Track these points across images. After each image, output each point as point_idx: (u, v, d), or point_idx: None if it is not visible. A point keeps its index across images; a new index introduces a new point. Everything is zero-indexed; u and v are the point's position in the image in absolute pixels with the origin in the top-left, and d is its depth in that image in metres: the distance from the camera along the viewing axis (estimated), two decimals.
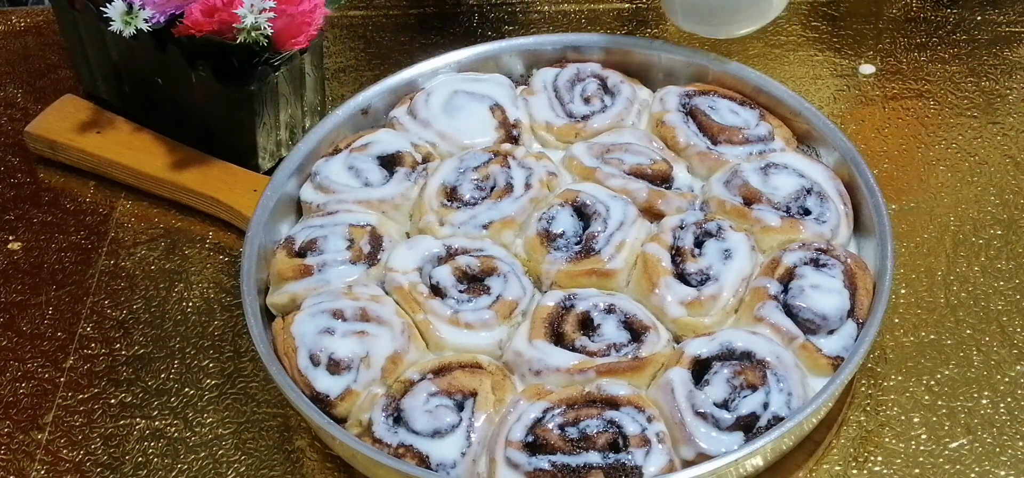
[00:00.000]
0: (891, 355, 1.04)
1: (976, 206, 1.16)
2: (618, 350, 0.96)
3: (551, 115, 1.15)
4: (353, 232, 1.05)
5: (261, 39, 1.10)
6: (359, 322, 0.97)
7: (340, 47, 1.37)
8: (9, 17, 1.43)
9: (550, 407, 0.92)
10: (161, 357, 1.08)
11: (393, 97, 1.18)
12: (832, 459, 0.98)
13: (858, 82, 1.30)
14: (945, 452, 0.98)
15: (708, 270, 1.00)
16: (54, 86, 1.34)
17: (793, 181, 1.06)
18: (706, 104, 1.14)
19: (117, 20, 1.10)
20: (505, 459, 0.90)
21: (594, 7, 1.39)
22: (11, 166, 1.27)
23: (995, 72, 1.30)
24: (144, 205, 1.21)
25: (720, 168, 1.09)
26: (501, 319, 0.99)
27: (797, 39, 1.35)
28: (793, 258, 1.00)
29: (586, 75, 1.18)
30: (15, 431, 1.03)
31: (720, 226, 1.03)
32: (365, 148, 1.12)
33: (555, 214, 1.05)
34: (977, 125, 1.24)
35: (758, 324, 0.97)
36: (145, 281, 1.15)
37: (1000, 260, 1.11)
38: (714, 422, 0.91)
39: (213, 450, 1.01)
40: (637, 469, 0.88)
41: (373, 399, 0.95)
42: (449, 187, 1.08)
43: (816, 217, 1.04)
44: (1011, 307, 1.07)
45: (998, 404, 1.01)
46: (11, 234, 1.20)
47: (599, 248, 1.02)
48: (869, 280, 1.00)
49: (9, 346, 1.10)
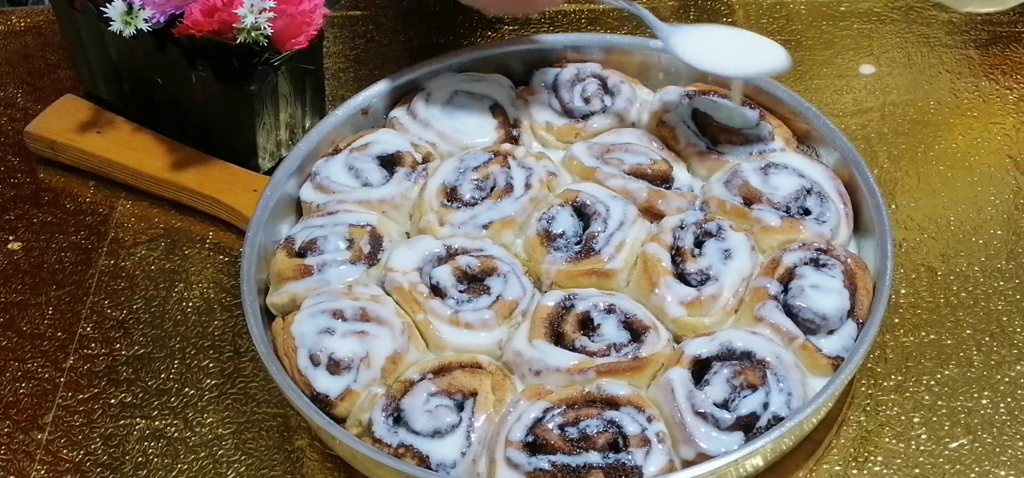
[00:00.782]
0: (891, 355, 1.04)
1: (976, 206, 1.16)
2: (618, 350, 0.96)
3: (551, 115, 1.15)
4: (353, 232, 1.05)
5: (261, 39, 1.10)
6: (359, 322, 0.97)
7: (340, 47, 1.37)
8: (9, 17, 1.43)
9: (550, 407, 0.92)
10: (161, 357, 1.08)
11: (393, 97, 1.18)
12: (832, 459, 0.98)
13: (858, 82, 1.30)
14: (945, 452, 0.98)
15: (708, 270, 1.00)
16: (54, 86, 1.34)
17: (793, 181, 1.06)
18: (706, 104, 1.14)
19: (117, 20, 1.10)
20: (505, 459, 0.90)
21: (594, 7, 1.39)
22: (11, 166, 1.27)
23: (995, 72, 1.30)
24: (144, 205, 1.21)
25: (720, 168, 1.09)
26: (501, 319, 0.99)
27: (797, 39, 1.35)
28: (793, 258, 1.00)
29: (586, 75, 1.18)
30: (15, 431, 1.03)
31: (720, 226, 1.03)
32: (365, 148, 1.12)
33: (555, 214, 1.05)
34: (977, 125, 1.24)
35: (758, 324, 0.97)
36: (145, 281, 1.15)
37: (1000, 260, 1.11)
38: (714, 422, 0.91)
39: (213, 450, 1.01)
40: (637, 469, 0.88)
41: (373, 399, 0.95)
42: (449, 187, 1.08)
43: (816, 217, 1.04)
44: (1011, 307, 1.07)
45: (998, 404, 1.01)
46: (11, 234, 1.20)
47: (599, 248, 1.02)
48: (869, 280, 1.00)
49: (9, 346, 1.10)
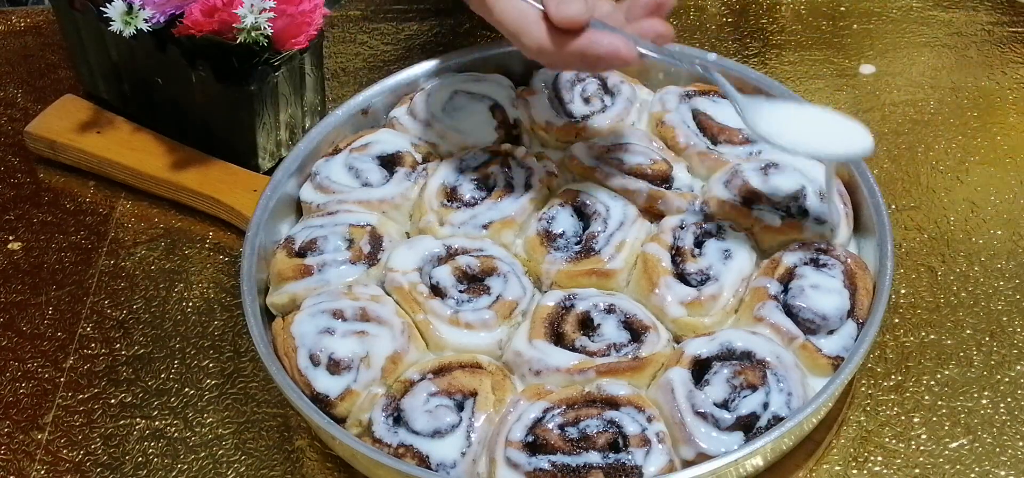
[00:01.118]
0: (891, 355, 1.05)
1: (976, 206, 1.16)
2: (618, 350, 0.96)
3: (551, 115, 1.15)
4: (353, 232, 1.05)
5: (261, 39, 1.10)
6: (359, 322, 0.97)
7: (340, 47, 1.37)
8: (9, 17, 1.43)
9: (550, 407, 0.92)
10: (161, 357, 1.08)
11: (393, 97, 1.18)
12: (832, 459, 0.98)
13: (858, 82, 1.30)
14: (945, 452, 0.98)
15: (708, 270, 1.00)
16: (54, 86, 1.34)
17: (793, 181, 1.06)
18: (706, 104, 1.14)
19: (117, 20, 1.10)
20: (505, 459, 0.90)
21: None
22: (11, 166, 1.27)
23: (995, 72, 1.30)
24: (144, 205, 1.21)
25: (720, 168, 1.09)
26: (501, 319, 0.99)
27: (797, 39, 1.35)
28: (793, 258, 1.00)
29: (586, 75, 1.18)
30: (15, 431, 1.03)
31: (720, 226, 1.03)
32: (365, 148, 1.12)
33: (555, 214, 1.05)
34: (977, 125, 1.24)
35: (758, 324, 0.97)
36: (145, 281, 1.15)
37: (1000, 260, 1.11)
38: (714, 422, 0.91)
39: (213, 450, 1.01)
40: (637, 469, 0.88)
41: (373, 399, 0.95)
42: (449, 187, 1.08)
43: (816, 217, 1.04)
44: (1011, 307, 1.07)
45: (998, 404, 1.01)
46: (11, 234, 1.20)
47: (599, 248, 1.02)
48: (869, 280, 1.00)
49: (9, 346, 1.10)
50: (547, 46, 0.94)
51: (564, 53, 0.94)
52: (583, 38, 0.93)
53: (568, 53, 0.94)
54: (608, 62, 0.94)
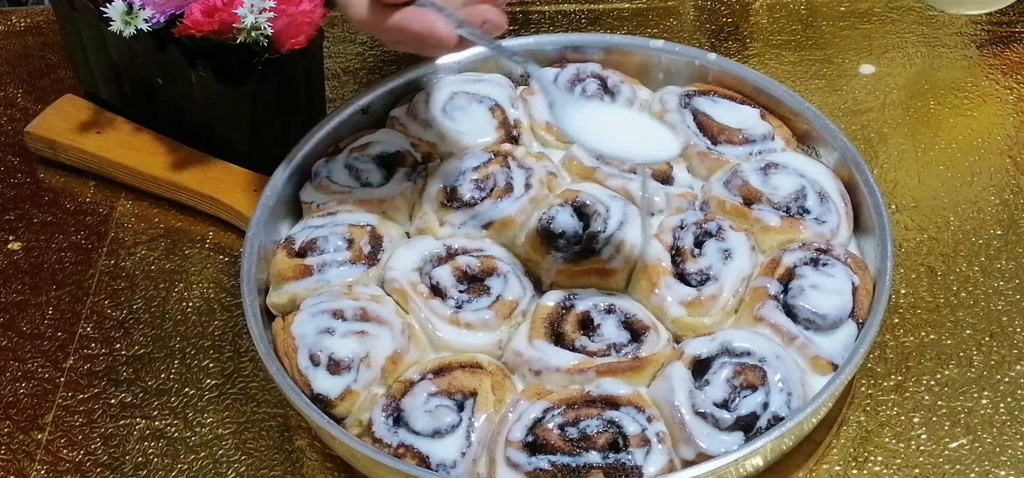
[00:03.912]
0: (891, 355, 1.04)
1: (976, 206, 1.16)
2: (618, 350, 0.96)
3: (551, 115, 1.15)
4: (353, 232, 1.05)
5: (261, 39, 1.10)
6: (359, 322, 0.97)
7: (340, 47, 1.37)
8: (9, 17, 1.43)
9: (550, 407, 0.92)
10: (161, 357, 1.08)
11: (393, 97, 1.18)
12: (832, 459, 0.98)
13: (858, 82, 1.30)
14: (945, 452, 0.98)
15: (708, 270, 1.00)
16: (54, 86, 1.34)
17: (793, 181, 1.06)
18: (706, 104, 1.14)
19: (117, 20, 1.10)
20: (505, 459, 0.90)
21: (594, 7, 1.39)
22: (11, 166, 1.27)
23: (995, 72, 1.30)
24: (144, 205, 1.21)
25: (720, 168, 1.09)
26: (501, 319, 0.99)
27: (797, 39, 1.35)
28: (793, 258, 1.00)
29: (586, 75, 1.18)
30: (15, 431, 1.03)
31: (720, 226, 1.03)
32: (365, 148, 1.12)
33: (555, 214, 1.05)
34: (977, 125, 1.24)
35: (758, 324, 0.97)
36: (145, 281, 1.15)
37: (1000, 260, 1.11)
38: (714, 422, 0.91)
39: (213, 450, 1.01)
40: (637, 469, 0.88)
41: (373, 399, 0.95)
42: (449, 187, 1.08)
43: (816, 217, 1.04)
44: (1011, 307, 1.07)
45: (998, 404, 1.01)
46: (11, 234, 1.20)
47: (599, 248, 1.02)
48: (869, 280, 1.00)
49: (9, 346, 1.10)
50: (368, 19, 0.95)
51: (383, 27, 0.95)
52: (400, 14, 0.94)
53: (386, 27, 0.94)
54: (423, 39, 0.94)
